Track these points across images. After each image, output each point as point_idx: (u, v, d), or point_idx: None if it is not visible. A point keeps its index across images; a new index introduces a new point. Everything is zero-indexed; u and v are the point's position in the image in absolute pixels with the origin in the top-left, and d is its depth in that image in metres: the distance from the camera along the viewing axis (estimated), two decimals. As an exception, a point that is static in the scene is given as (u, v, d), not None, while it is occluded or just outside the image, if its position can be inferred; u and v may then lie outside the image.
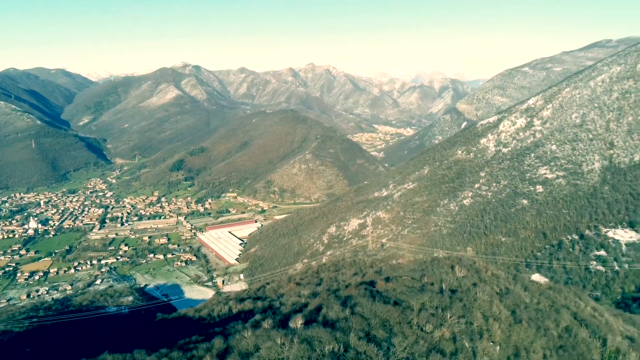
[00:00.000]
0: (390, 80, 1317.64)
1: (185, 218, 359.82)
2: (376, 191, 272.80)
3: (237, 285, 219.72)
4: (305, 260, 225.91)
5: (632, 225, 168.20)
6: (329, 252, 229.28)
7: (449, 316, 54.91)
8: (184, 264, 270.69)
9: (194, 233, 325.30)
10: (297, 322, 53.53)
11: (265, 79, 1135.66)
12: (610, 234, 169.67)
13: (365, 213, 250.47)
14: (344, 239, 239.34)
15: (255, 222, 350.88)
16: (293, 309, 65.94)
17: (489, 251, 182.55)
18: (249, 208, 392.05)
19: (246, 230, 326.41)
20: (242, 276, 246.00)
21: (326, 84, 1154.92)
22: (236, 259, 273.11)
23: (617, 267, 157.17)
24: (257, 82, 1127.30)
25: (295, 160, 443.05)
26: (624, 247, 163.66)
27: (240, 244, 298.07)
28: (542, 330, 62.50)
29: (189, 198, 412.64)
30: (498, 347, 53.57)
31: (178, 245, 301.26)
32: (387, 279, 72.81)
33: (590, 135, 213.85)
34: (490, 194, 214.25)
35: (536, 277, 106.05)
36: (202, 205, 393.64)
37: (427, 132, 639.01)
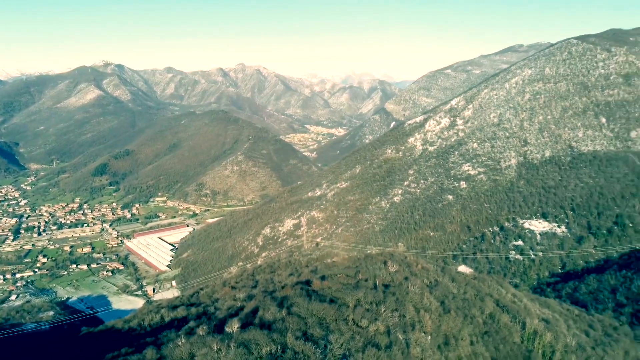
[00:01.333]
0: (321, 81, 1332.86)
1: (110, 225, 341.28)
2: (310, 191, 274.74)
3: (169, 293, 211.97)
4: (240, 263, 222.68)
5: (544, 216, 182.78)
6: (264, 254, 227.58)
7: (383, 310, 56.52)
8: (110, 274, 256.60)
9: (121, 240, 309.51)
10: (234, 326, 52.66)
11: (194, 79, 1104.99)
12: (526, 225, 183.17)
13: (299, 213, 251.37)
14: (279, 239, 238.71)
15: (187, 226, 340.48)
16: (229, 313, 64.77)
17: (419, 245, 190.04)
18: (179, 212, 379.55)
19: (177, 235, 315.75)
20: (174, 283, 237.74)
21: (257, 84, 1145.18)
22: (167, 266, 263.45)
23: (533, 256, 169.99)
24: (186, 83, 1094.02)
25: (227, 161, 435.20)
26: (538, 237, 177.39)
27: (171, 250, 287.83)
28: (469, 318, 66.12)
29: (114, 204, 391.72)
30: (429, 337, 55.91)
31: (104, 254, 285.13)
32: (323, 278, 73.52)
33: (507, 134, 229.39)
34: (418, 190, 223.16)
35: (462, 268, 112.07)
36: (129, 211, 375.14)
37: (358, 132, 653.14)
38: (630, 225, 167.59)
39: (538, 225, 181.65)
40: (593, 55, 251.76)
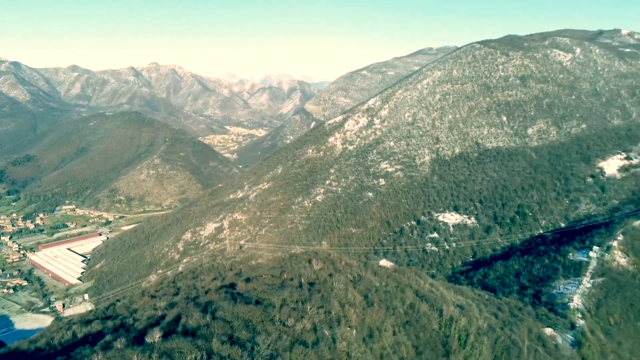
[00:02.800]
0: (240, 81, 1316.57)
1: (10, 238, 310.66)
2: (231, 193, 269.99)
3: (82, 307, 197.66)
4: (160, 271, 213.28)
5: (456, 209, 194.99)
6: (185, 260, 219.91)
7: (309, 308, 57.04)
8: (12, 291, 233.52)
9: (23, 254, 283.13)
10: (155, 336, 50.27)
11: (103, 79, 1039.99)
12: (440, 217, 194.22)
13: (221, 216, 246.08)
14: (201, 244, 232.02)
15: (100, 235, 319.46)
16: (149, 323, 61.73)
17: (342, 243, 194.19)
18: (91, 221, 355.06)
19: (89, 245, 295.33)
20: (87, 296, 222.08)
21: (173, 84, 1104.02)
22: (79, 279, 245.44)
23: (447, 247, 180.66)
24: (93, 82, 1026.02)
25: (142, 165, 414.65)
26: (451, 229, 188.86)
27: (82, 261, 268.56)
28: (391, 309, 68.76)
29: (14, 214, 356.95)
30: (354, 331, 57.32)
31: (3, 270, 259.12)
32: (248, 280, 72.63)
33: (421, 132, 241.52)
34: (340, 189, 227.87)
35: (384, 262, 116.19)
36: (31, 222, 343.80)
37: (278, 132, 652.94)
38: (530, 214, 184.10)
39: (451, 218, 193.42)
40: (494, 58, 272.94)
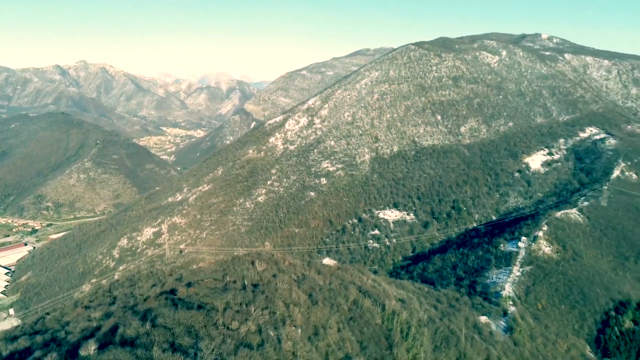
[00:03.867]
0: (176, 80, 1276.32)
1: None
2: (170, 196, 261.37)
3: (7, 323, 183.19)
4: (94, 280, 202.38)
5: (396, 206, 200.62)
6: (121, 267, 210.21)
7: (253, 310, 56.42)
8: None
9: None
10: (90, 348, 47.65)
11: (25, 78, 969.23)
12: (381, 215, 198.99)
13: (159, 220, 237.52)
14: (138, 250, 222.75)
15: (25, 245, 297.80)
16: (83, 335, 58.35)
17: (285, 243, 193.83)
18: (14, 230, 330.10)
19: (13, 256, 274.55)
20: (12, 311, 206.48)
21: (103, 83, 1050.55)
22: (2, 292, 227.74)
23: (388, 243, 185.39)
24: (14, 81, 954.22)
25: (71, 169, 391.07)
26: (392, 225, 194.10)
27: (6, 274, 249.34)
28: (335, 306, 69.48)
29: None
30: (300, 330, 57.34)
31: None
32: (189, 285, 70.63)
33: (360, 131, 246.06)
34: (282, 189, 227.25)
35: (327, 260, 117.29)
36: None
37: (218, 133, 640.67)
38: (464, 208, 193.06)
39: (391, 215, 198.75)
40: (428, 60, 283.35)
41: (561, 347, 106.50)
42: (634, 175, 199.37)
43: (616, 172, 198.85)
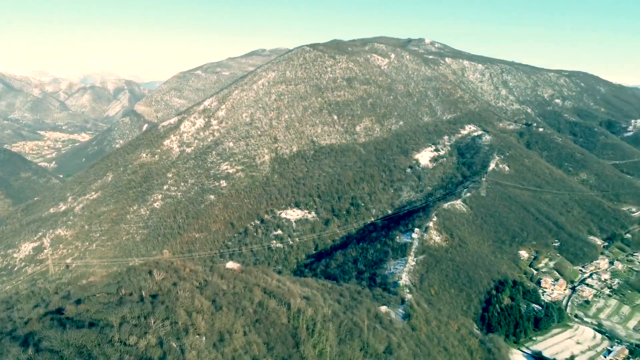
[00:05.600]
0: (54, 80, 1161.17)
1: None
2: (52, 207, 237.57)
3: None
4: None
5: (297, 205, 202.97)
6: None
7: (153, 322, 53.45)
8: None
9: None
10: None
11: None
12: (283, 214, 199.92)
13: (40, 234, 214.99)
14: (15, 269, 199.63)
15: None
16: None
17: (185, 249, 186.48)
18: None
19: None
20: None
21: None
22: None
23: (291, 242, 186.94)
24: None
25: None
26: (294, 224, 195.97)
27: None
28: (241, 310, 68.40)
29: None
30: (204, 338, 55.53)
31: None
32: (78, 302, 64.74)
33: (259, 132, 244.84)
34: (179, 193, 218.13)
35: (230, 264, 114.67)
36: None
37: (106, 136, 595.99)
38: (362, 204, 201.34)
39: (293, 214, 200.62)
40: (323, 61, 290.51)
41: (452, 327, 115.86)
42: (507, 167, 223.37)
43: (492, 165, 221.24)
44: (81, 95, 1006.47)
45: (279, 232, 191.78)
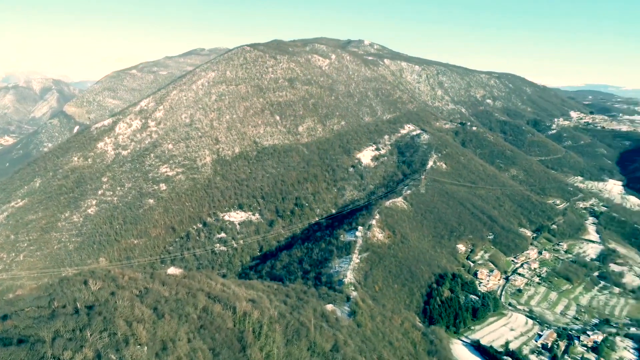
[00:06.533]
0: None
1: None
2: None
3: None
4: None
5: (241, 207, 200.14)
6: None
7: (89, 334, 50.72)
8: None
9: None
10: None
11: None
12: (226, 217, 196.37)
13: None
14: None
15: None
16: None
17: (123, 256, 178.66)
18: None
19: None
20: None
21: None
22: None
23: (235, 245, 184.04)
24: None
25: None
26: (238, 227, 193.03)
27: None
28: (184, 317, 66.39)
29: None
30: (146, 348, 53.39)
31: None
32: (5, 317, 60.22)
33: (200, 133, 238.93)
34: (116, 198, 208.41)
35: (172, 270, 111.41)
36: None
37: (32, 139, 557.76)
38: (307, 204, 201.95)
39: (236, 216, 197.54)
40: (264, 61, 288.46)
41: (396, 321, 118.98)
42: (444, 165, 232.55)
43: (430, 163, 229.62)
44: (3, 95, 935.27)
45: (223, 235, 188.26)
